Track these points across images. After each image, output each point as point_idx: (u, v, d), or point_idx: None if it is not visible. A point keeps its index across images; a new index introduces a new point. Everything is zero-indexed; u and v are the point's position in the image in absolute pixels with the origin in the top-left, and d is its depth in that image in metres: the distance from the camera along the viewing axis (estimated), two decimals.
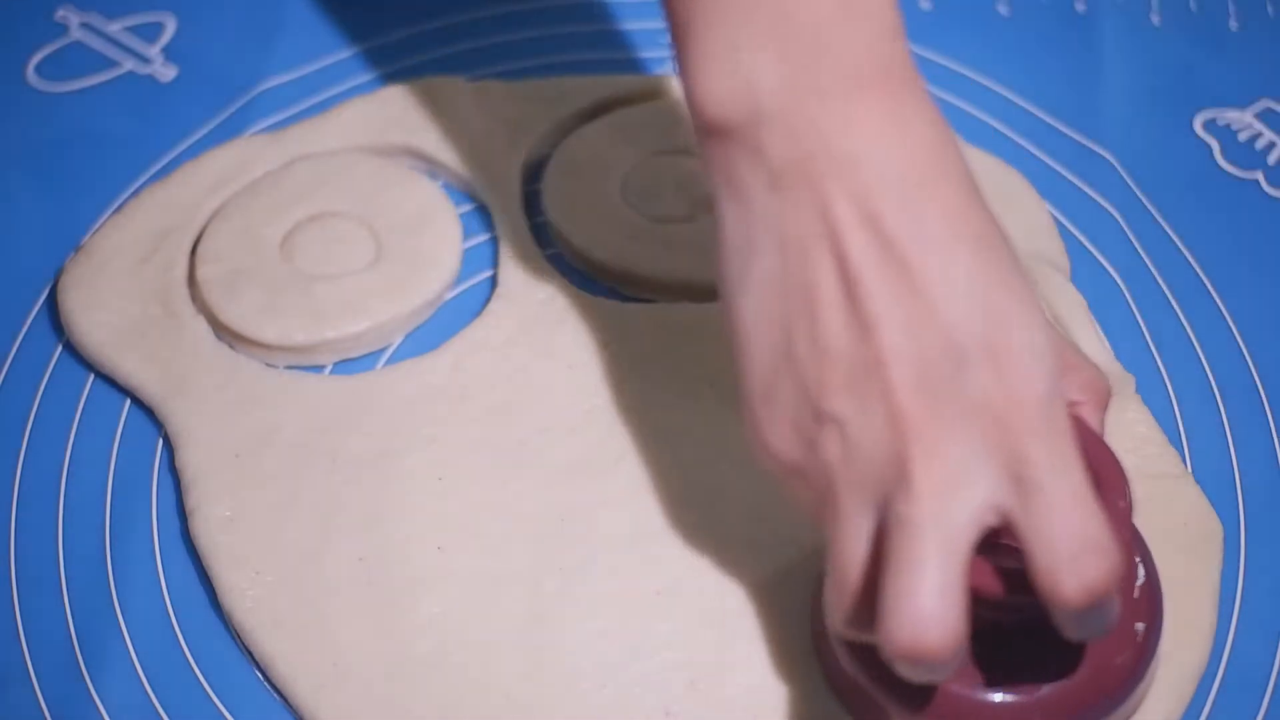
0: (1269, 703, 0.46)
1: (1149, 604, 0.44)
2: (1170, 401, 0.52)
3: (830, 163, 0.38)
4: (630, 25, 0.62)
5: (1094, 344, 0.52)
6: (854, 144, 0.38)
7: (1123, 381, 0.51)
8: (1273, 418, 0.52)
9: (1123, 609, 0.41)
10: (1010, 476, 0.38)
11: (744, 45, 0.39)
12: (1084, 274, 0.55)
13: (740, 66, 0.39)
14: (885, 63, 0.39)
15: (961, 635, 0.38)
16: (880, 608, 0.38)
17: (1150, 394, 0.52)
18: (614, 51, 0.61)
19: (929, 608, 0.37)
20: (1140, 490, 0.43)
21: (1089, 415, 0.43)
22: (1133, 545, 0.44)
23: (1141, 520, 0.44)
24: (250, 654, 0.47)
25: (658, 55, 0.61)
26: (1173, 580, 0.45)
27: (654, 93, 0.59)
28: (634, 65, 0.61)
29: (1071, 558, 0.37)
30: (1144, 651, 0.43)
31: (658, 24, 0.62)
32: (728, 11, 0.39)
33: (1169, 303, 0.55)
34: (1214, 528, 0.48)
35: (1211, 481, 0.50)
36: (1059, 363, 0.40)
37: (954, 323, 0.38)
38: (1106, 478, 0.41)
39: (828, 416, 0.39)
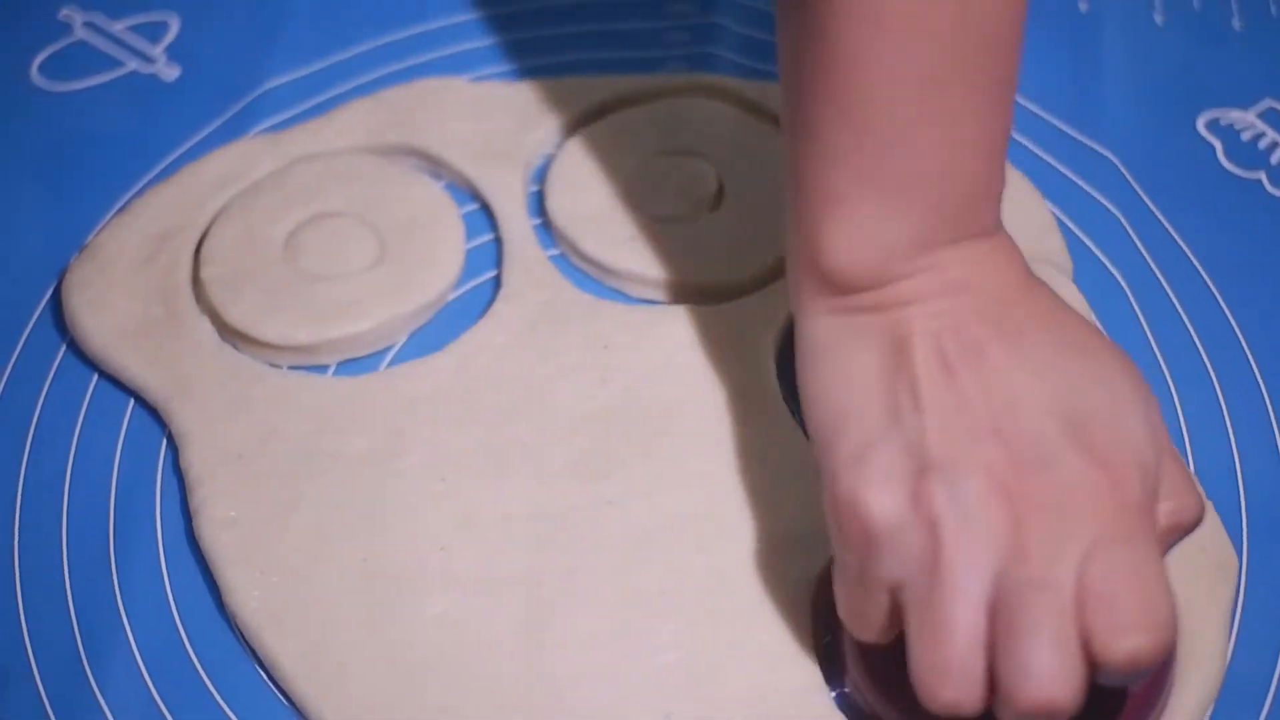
0: (1268, 712, 0.46)
1: None
2: (1173, 402, 0.52)
3: (943, 287, 0.44)
4: (633, 25, 0.62)
5: None
6: (964, 273, 0.44)
7: None
8: (1275, 418, 0.52)
9: None
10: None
11: (891, 218, 0.44)
12: (1086, 274, 0.55)
13: (885, 236, 0.44)
14: (991, 220, 0.45)
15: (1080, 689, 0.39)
16: (1006, 668, 0.39)
17: None
18: (617, 51, 0.61)
19: (1054, 666, 0.38)
20: None
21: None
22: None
23: None
24: (254, 653, 0.47)
25: (660, 55, 0.61)
26: (1187, 601, 0.44)
27: (657, 93, 0.59)
28: (637, 65, 0.61)
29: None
30: (1157, 686, 0.43)
31: (660, 24, 0.62)
32: (882, 186, 0.44)
33: (1171, 303, 0.55)
34: (1229, 558, 0.48)
35: (1213, 482, 0.49)
36: (1153, 468, 0.41)
37: (1039, 407, 0.41)
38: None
39: (934, 464, 0.41)
